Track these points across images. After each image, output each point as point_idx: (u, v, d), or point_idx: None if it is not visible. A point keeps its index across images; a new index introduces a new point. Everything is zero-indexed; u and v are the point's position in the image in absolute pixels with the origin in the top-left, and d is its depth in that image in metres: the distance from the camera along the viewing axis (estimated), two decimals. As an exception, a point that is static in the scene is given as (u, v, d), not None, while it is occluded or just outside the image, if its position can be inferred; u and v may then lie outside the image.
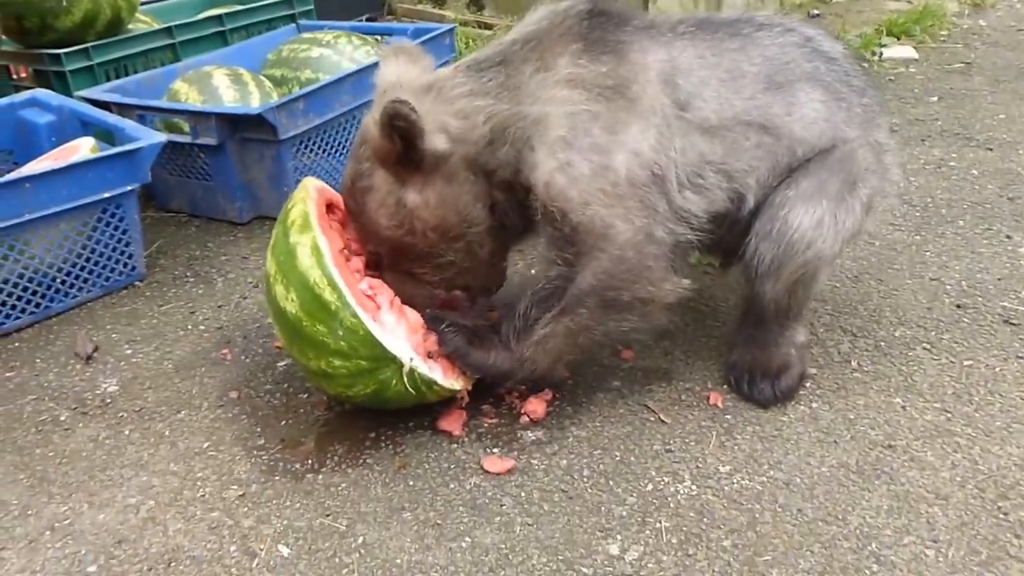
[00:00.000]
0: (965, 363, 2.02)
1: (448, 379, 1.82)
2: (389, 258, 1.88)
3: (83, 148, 2.45)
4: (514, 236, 1.98)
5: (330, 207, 2.00)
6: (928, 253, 2.49)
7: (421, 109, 1.71)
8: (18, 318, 2.38)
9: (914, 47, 4.33)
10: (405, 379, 1.75)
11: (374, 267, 1.94)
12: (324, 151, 2.99)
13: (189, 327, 2.36)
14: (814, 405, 1.92)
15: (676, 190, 1.77)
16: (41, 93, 2.83)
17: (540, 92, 1.76)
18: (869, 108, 1.92)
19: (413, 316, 1.85)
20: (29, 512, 1.75)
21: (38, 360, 2.25)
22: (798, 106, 1.82)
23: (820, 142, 1.83)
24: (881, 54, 4.24)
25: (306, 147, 2.90)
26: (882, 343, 2.11)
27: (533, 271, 2.45)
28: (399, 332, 1.79)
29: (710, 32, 1.86)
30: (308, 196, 1.88)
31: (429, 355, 1.82)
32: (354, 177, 1.83)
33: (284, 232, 1.84)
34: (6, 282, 2.31)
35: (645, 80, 1.77)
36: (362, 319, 1.71)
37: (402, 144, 1.72)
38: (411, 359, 1.75)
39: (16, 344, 2.33)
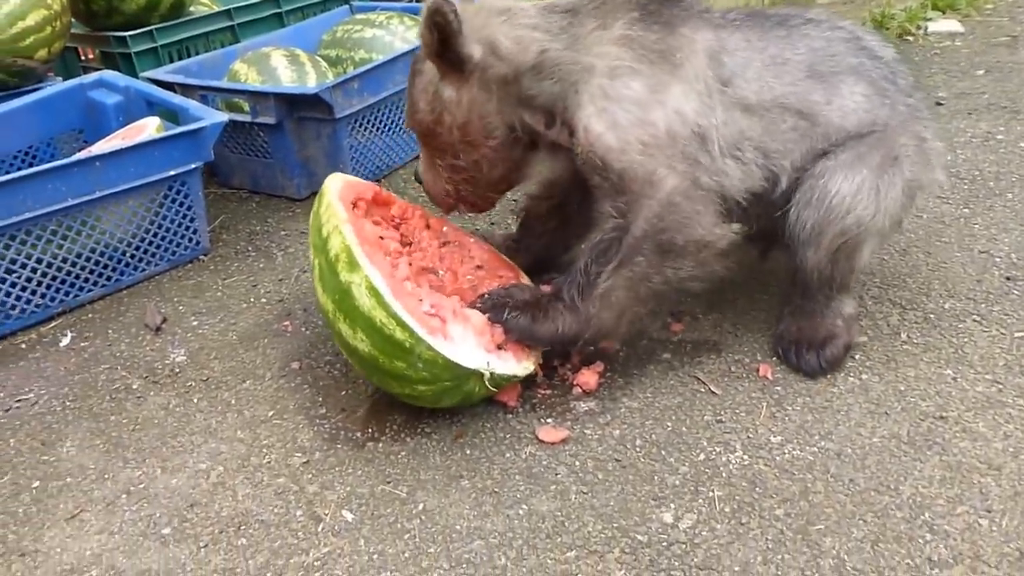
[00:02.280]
0: (1016, 335, 2.02)
1: (522, 363, 1.86)
2: (421, 139, 2.07)
3: (149, 127, 2.53)
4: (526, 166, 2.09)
5: (356, 203, 2.00)
6: (977, 226, 2.48)
7: (483, 23, 1.86)
8: (91, 290, 2.47)
9: (959, 20, 4.25)
10: (488, 384, 1.80)
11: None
12: (378, 129, 3.04)
13: (252, 300, 2.43)
14: (864, 377, 1.94)
15: (717, 153, 1.83)
16: (108, 74, 2.91)
17: (594, 46, 1.85)
18: (914, 107, 1.95)
19: (476, 317, 1.85)
20: (106, 476, 1.84)
21: (110, 331, 2.34)
22: (839, 97, 1.87)
23: (857, 131, 1.87)
24: (926, 28, 4.17)
25: (360, 125, 2.95)
26: (931, 315, 2.12)
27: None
28: (468, 340, 1.80)
29: (759, 21, 1.94)
30: (339, 218, 1.86)
31: (499, 347, 1.85)
32: (415, 59, 2.01)
33: (330, 267, 1.82)
34: (79, 256, 2.41)
35: (691, 51, 1.84)
36: (439, 350, 1.72)
37: (439, 40, 1.83)
38: (488, 363, 1.78)
39: (89, 315, 2.43)
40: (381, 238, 1.93)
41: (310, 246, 1.96)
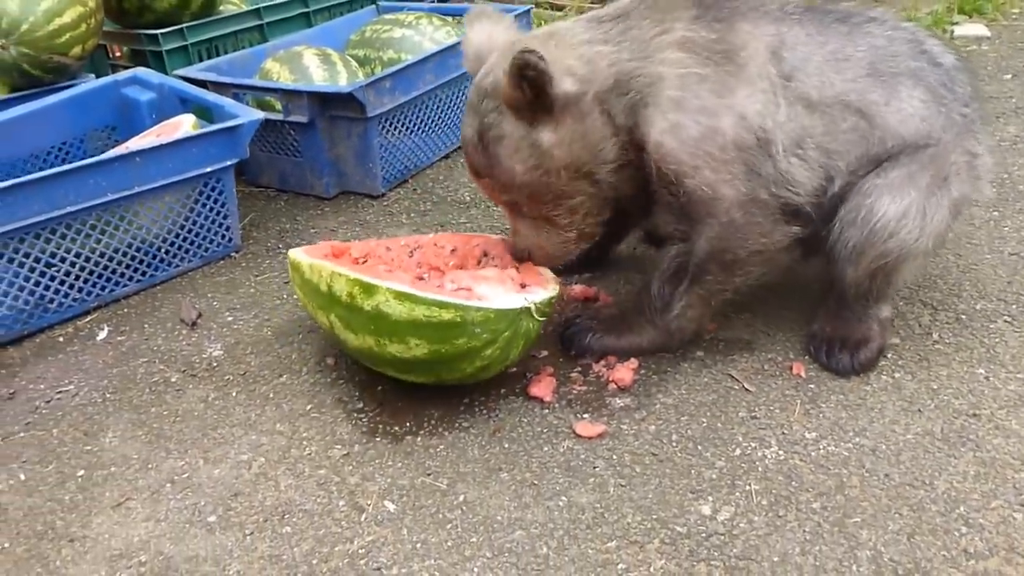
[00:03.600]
0: (1047, 336, 2.04)
1: (549, 287, 1.92)
2: (527, 205, 1.93)
3: (185, 125, 2.55)
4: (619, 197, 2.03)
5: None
6: (1007, 228, 2.51)
7: (546, 56, 1.73)
8: (126, 285, 2.50)
9: (986, 25, 4.28)
10: (536, 316, 1.84)
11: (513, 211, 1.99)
12: (408, 128, 3.07)
13: (284, 296, 2.46)
14: (897, 376, 1.96)
15: (781, 154, 1.82)
16: (142, 72, 2.94)
17: (657, 52, 1.82)
18: (969, 118, 1.92)
19: (492, 273, 1.92)
20: (150, 466, 1.87)
21: (146, 325, 2.37)
22: (897, 99, 1.85)
23: (913, 139, 1.86)
24: (952, 32, 4.20)
25: (391, 124, 2.98)
26: (963, 316, 2.14)
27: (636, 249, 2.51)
28: (498, 292, 1.85)
29: (819, 16, 1.91)
30: (329, 269, 1.91)
31: (523, 285, 1.91)
32: (481, 131, 1.86)
33: (350, 308, 1.86)
34: (116, 251, 2.43)
35: (754, 48, 1.83)
36: (485, 306, 1.77)
37: (532, 92, 1.75)
38: (525, 299, 1.83)
39: (126, 310, 2.46)
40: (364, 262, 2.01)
41: (314, 312, 2.04)
